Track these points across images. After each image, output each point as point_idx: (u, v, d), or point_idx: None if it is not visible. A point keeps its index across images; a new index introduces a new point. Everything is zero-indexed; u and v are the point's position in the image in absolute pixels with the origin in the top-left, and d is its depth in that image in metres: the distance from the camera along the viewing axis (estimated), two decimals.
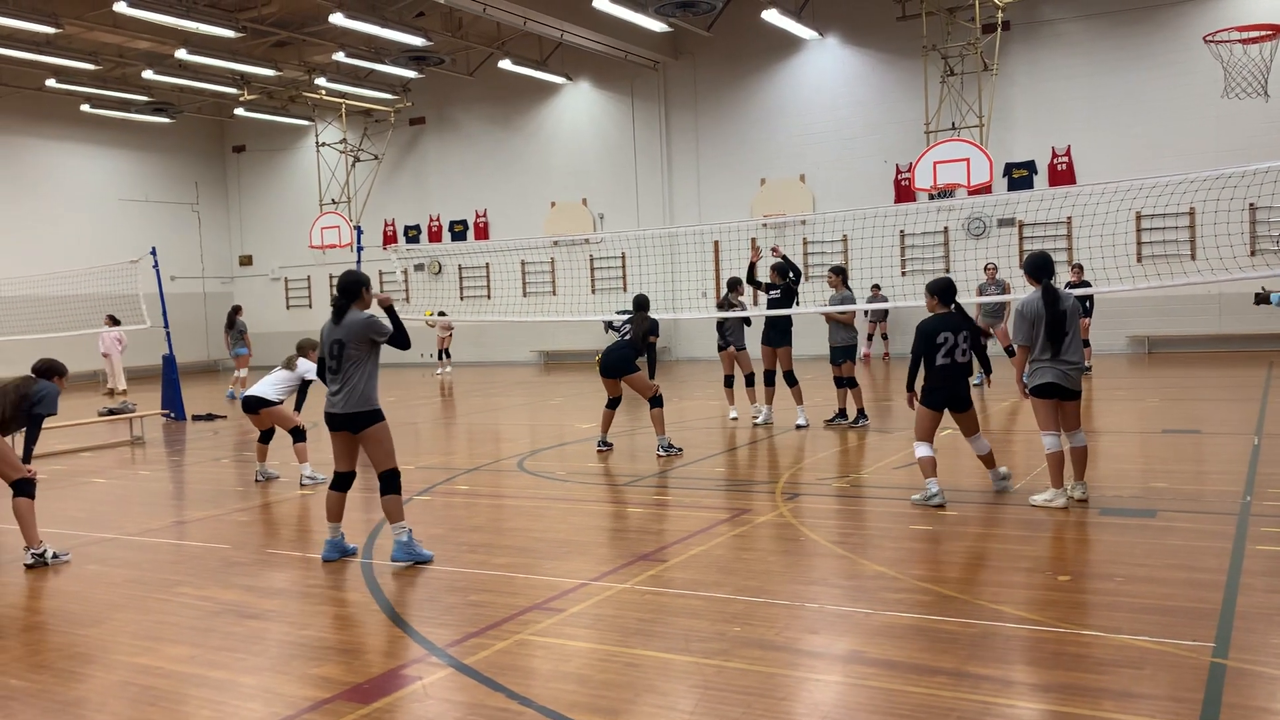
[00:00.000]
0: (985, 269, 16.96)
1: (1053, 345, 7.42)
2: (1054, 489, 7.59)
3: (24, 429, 7.61)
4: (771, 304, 12.76)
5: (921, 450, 7.93)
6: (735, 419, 13.33)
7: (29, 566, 7.19)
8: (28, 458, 7.59)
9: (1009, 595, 5.61)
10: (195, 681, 4.87)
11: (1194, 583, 5.65)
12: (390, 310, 6.95)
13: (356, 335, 6.62)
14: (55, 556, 7.31)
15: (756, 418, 13.00)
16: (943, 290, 7.97)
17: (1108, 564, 6.13)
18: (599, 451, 11.32)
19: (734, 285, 13.28)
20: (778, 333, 12.73)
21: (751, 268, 13.14)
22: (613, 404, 11.34)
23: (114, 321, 20.78)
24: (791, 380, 12.64)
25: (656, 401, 11.04)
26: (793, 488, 8.93)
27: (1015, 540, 6.80)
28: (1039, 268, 7.55)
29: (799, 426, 12.43)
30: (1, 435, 7.42)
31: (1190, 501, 7.68)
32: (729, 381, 13.50)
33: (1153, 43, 21.03)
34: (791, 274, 12.75)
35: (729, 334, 13.23)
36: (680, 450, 11.00)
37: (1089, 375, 16.70)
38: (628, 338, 11.20)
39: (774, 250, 13.28)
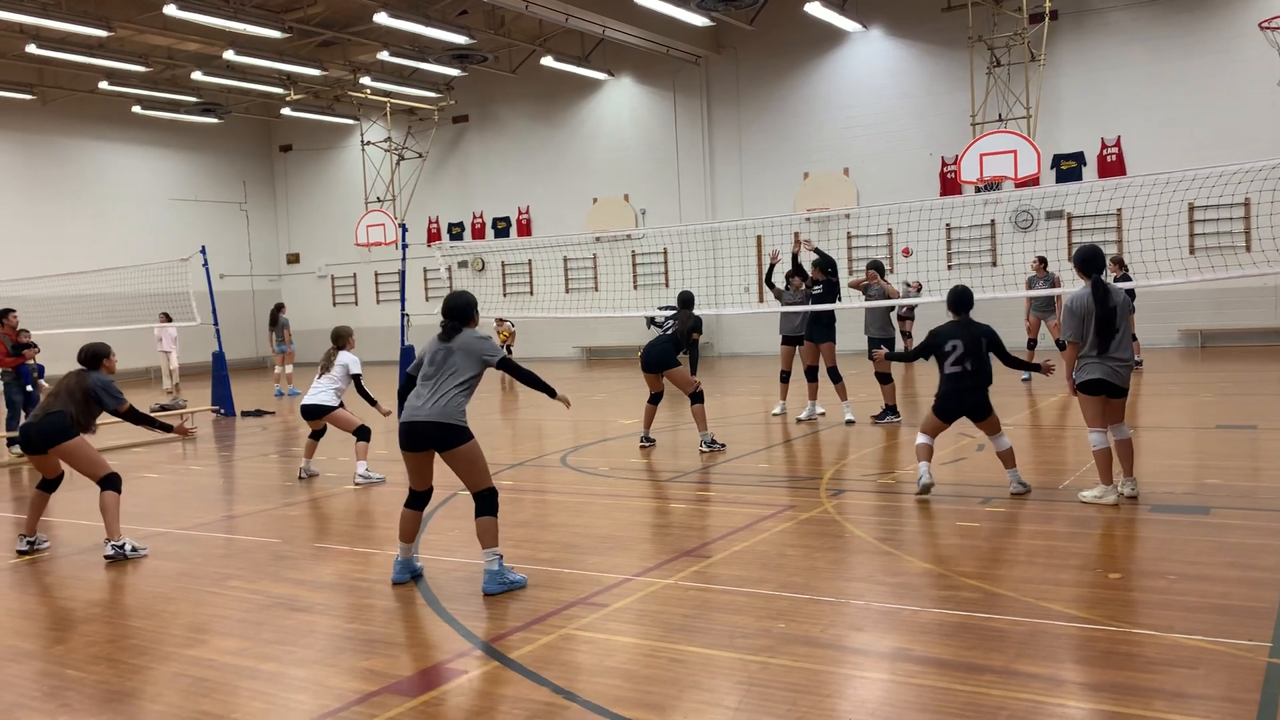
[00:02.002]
0: (1033, 263, 16.67)
1: (1101, 341, 7.32)
2: (1103, 485, 7.47)
3: (124, 419, 7.81)
4: (815, 299, 12.66)
5: (921, 438, 8.11)
6: (823, 413, 13.09)
7: (109, 559, 7.30)
8: (170, 425, 8.11)
9: (1058, 593, 5.53)
10: (246, 673, 4.95)
11: (1250, 581, 5.53)
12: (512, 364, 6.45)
13: (468, 350, 6.18)
14: (134, 550, 7.41)
15: (802, 413, 12.93)
16: (954, 301, 8.03)
17: (1160, 561, 6.03)
18: (642, 447, 11.33)
19: (798, 272, 12.99)
20: (821, 328, 12.64)
21: (771, 269, 13.03)
22: (654, 399, 11.35)
23: (167, 319, 21.11)
24: (835, 376, 12.54)
25: (697, 398, 11.02)
26: (837, 484, 8.87)
27: (1064, 537, 6.71)
28: (1088, 261, 7.41)
29: (848, 422, 12.35)
30: (86, 432, 7.60)
31: (1245, 498, 7.52)
32: (811, 374, 12.96)
33: (1205, 30, 20.60)
34: (830, 268, 12.59)
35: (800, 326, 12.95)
36: (723, 446, 10.98)
37: (1139, 370, 16.43)
38: (669, 332, 11.20)
39: (806, 243, 13.07)
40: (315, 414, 10.23)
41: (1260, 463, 9.23)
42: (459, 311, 6.27)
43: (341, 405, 10.31)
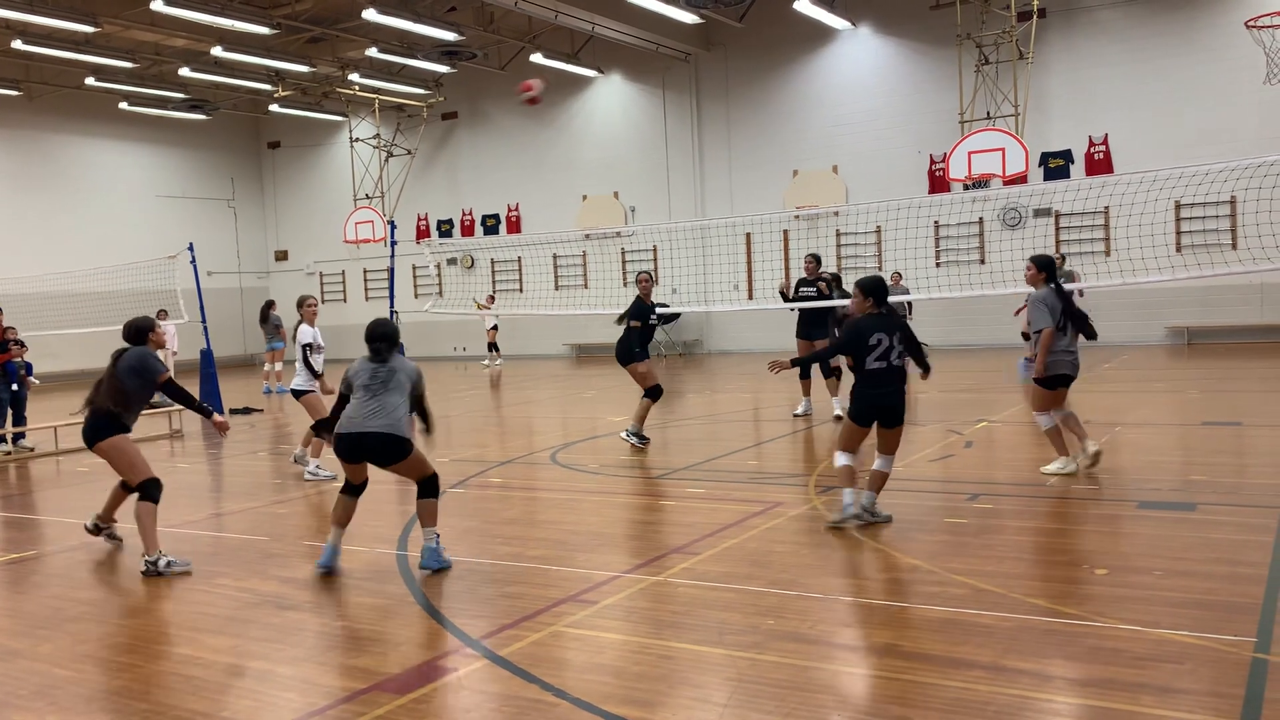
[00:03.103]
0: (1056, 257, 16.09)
1: (1070, 336, 8.31)
2: (1063, 457, 8.31)
3: (174, 402, 7.30)
4: (807, 298, 12.70)
5: (842, 459, 7.24)
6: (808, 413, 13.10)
7: (144, 574, 6.72)
8: (209, 409, 7.32)
9: (1045, 589, 5.56)
10: (235, 671, 4.94)
11: (1235, 577, 5.57)
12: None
13: (407, 373, 6.56)
14: (170, 564, 6.75)
15: (796, 410, 12.96)
16: (875, 289, 7.21)
17: (1146, 557, 6.06)
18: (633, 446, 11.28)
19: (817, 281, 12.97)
20: (815, 325, 12.70)
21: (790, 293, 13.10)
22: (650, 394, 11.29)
23: (164, 316, 20.92)
24: (828, 371, 12.64)
25: (648, 393, 11.09)
26: (826, 481, 8.89)
27: (1051, 534, 6.74)
28: (1049, 267, 8.43)
29: (837, 417, 12.38)
30: (122, 426, 7.03)
31: (1231, 494, 7.57)
32: (806, 373, 13.01)
33: (1192, 29, 20.69)
34: (836, 293, 12.68)
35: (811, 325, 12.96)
36: (645, 443, 10.99)
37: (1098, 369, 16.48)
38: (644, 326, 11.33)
39: (813, 271, 13.03)
40: (297, 397, 10.25)
41: (1246, 459, 9.29)
42: (392, 338, 6.68)
43: (314, 391, 10.14)
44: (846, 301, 12.53)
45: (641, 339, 11.21)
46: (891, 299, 7.51)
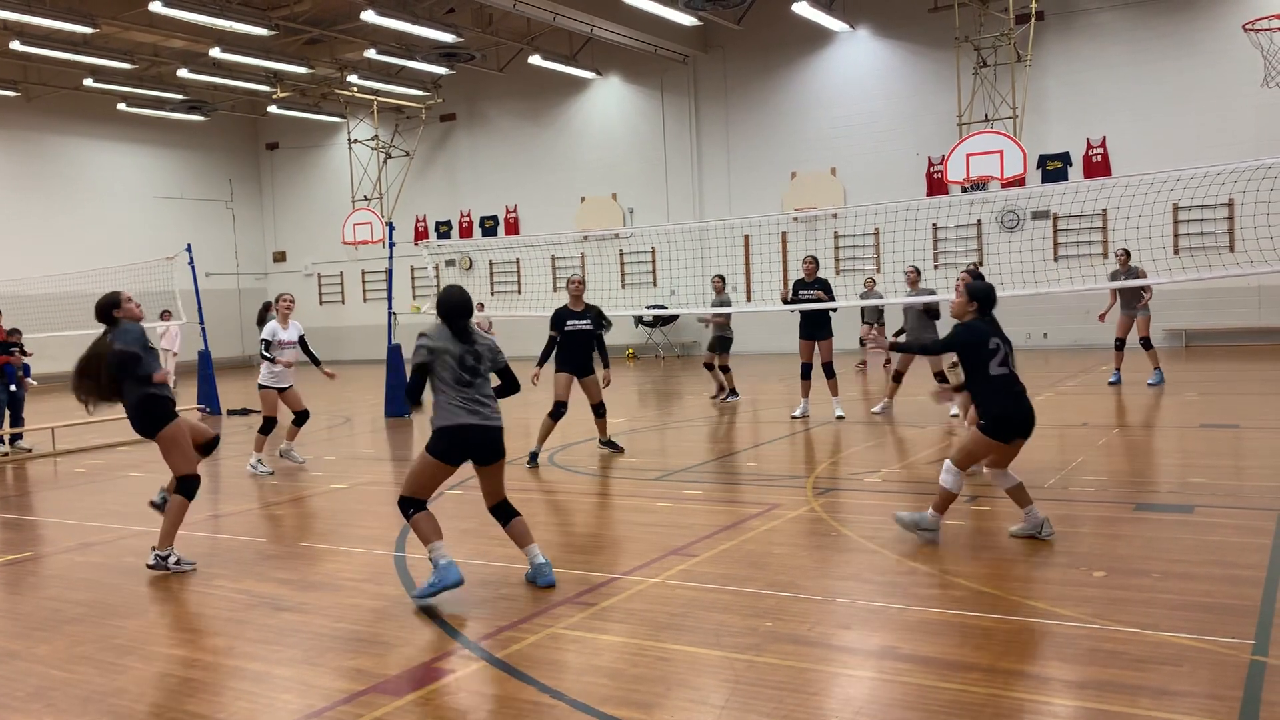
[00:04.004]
0: (1118, 254, 15.32)
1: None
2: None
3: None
4: (804, 300, 12.71)
5: (951, 479, 6.46)
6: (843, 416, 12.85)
7: (151, 567, 6.72)
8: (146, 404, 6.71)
9: (1043, 591, 5.56)
10: (231, 673, 4.93)
11: (1233, 579, 5.57)
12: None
13: (491, 350, 6.04)
14: (179, 563, 6.74)
15: (795, 412, 12.99)
16: (985, 298, 6.64)
17: (1144, 560, 6.06)
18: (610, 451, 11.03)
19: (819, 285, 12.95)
20: (818, 326, 12.73)
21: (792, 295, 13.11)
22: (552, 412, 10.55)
23: (168, 316, 20.82)
24: (830, 372, 12.69)
25: (593, 409, 10.63)
26: (824, 482, 8.89)
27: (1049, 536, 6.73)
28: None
29: (838, 418, 12.45)
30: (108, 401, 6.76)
31: (1229, 497, 7.57)
32: (807, 374, 12.92)
33: (1190, 32, 20.72)
34: (832, 308, 12.77)
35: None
36: (534, 463, 10.33)
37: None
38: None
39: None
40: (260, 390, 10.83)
41: (1243, 461, 9.29)
42: (467, 309, 5.97)
43: (273, 388, 10.73)
44: (835, 304, 12.70)
45: (562, 350, 10.32)
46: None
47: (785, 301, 13.14)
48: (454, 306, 5.97)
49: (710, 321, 15.29)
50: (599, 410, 10.72)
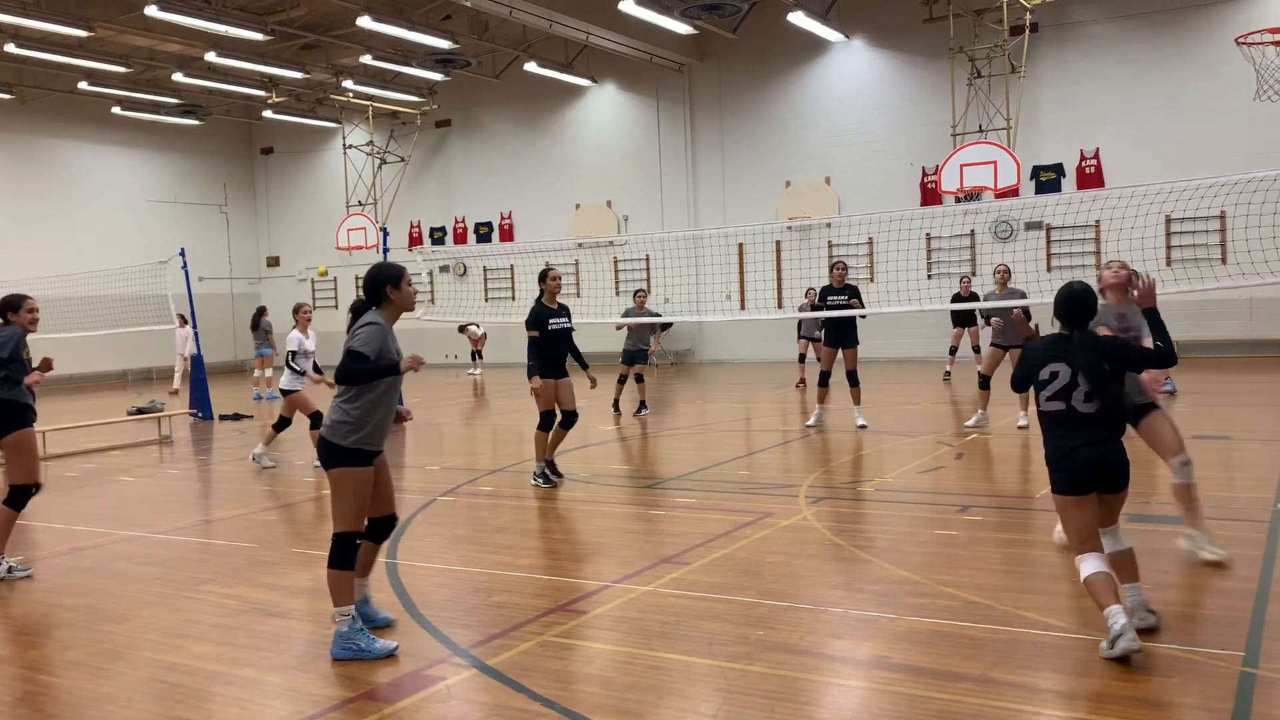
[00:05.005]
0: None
1: None
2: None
3: None
4: (834, 306, 12.38)
5: (1088, 566, 4.82)
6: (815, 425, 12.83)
7: None
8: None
9: (1035, 601, 5.56)
10: (221, 679, 4.91)
11: (1224, 590, 5.58)
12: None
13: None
14: (11, 570, 6.97)
15: (809, 420, 12.88)
16: (1058, 308, 5.18)
17: None
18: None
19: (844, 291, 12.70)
20: (844, 333, 12.52)
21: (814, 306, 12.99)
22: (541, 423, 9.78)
23: (184, 321, 20.62)
24: (854, 380, 12.54)
25: (540, 421, 9.61)
26: (817, 492, 8.89)
27: (1041, 546, 6.74)
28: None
29: (860, 427, 12.29)
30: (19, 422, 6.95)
31: (1219, 509, 7.58)
32: (826, 381, 12.74)
33: (1183, 44, 20.81)
34: (861, 314, 12.45)
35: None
36: (556, 479, 9.69)
37: None
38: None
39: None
40: (284, 398, 11.27)
41: (1234, 473, 9.32)
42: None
43: (300, 390, 11.15)
44: (860, 312, 12.30)
45: (543, 352, 9.61)
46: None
47: (813, 308, 12.96)
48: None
49: (625, 328, 16.06)
50: (569, 420, 9.70)
